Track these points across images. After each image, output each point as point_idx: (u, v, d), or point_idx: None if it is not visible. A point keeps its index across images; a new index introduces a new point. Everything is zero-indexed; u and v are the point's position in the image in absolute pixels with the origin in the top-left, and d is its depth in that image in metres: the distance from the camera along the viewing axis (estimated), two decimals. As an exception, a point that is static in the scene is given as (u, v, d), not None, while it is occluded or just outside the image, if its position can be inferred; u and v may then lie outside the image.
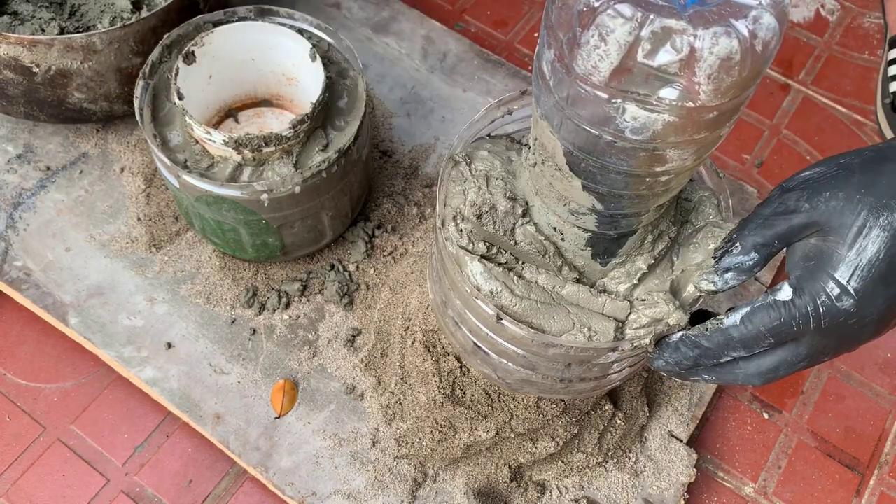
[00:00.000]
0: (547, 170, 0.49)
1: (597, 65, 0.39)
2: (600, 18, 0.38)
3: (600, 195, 0.47)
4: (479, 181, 0.55)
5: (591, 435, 0.74)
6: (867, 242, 0.42)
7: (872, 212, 0.42)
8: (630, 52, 0.38)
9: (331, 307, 0.83)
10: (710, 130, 0.42)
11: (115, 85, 0.80)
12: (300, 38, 0.75)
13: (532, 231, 0.53)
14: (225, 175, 0.71)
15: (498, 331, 0.54)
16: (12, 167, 0.88)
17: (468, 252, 0.53)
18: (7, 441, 0.78)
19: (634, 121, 0.40)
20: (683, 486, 0.77)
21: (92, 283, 0.82)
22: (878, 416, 0.85)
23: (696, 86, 0.38)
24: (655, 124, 0.40)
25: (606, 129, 0.42)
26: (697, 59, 0.37)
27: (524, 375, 0.58)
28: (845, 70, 1.09)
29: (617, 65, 0.38)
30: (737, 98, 0.40)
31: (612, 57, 0.38)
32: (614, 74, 0.38)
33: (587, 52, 0.39)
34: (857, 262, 0.42)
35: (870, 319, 0.44)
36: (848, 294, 0.43)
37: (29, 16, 0.82)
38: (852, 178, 0.43)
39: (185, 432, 0.79)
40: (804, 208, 0.44)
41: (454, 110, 0.96)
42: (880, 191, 0.42)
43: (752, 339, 0.46)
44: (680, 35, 0.37)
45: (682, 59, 0.37)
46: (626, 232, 0.51)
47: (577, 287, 0.54)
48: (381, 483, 0.74)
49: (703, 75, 0.38)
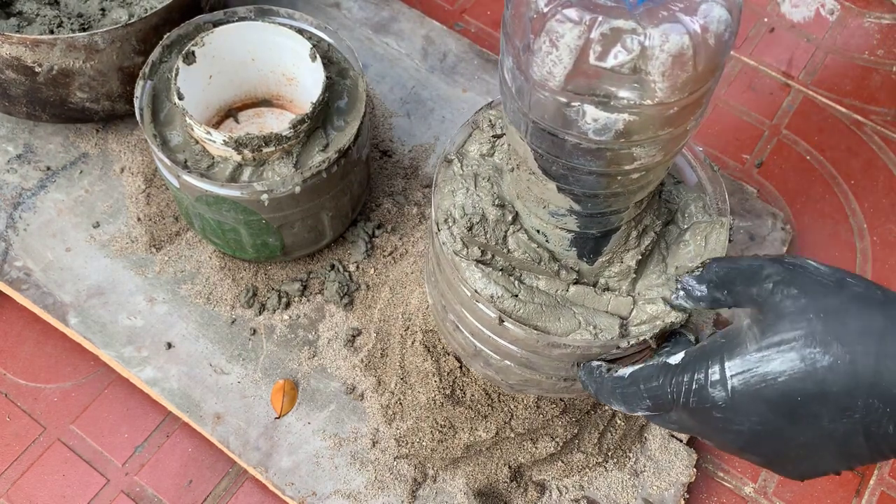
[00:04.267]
0: (523, 174, 0.49)
1: (551, 70, 0.39)
2: (550, 24, 0.38)
3: (576, 196, 0.47)
4: (467, 181, 0.55)
5: (591, 435, 0.74)
6: (776, 357, 0.37)
7: (808, 338, 0.37)
8: (582, 55, 0.38)
9: (331, 307, 0.83)
10: (675, 126, 0.42)
11: (117, 84, 0.80)
12: (300, 38, 0.75)
13: (524, 239, 0.53)
14: (225, 175, 0.71)
15: (500, 333, 0.54)
16: (12, 167, 0.88)
17: (464, 258, 0.53)
18: (7, 441, 0.78)
19: (595, 122, 0.40)
20: (683, 486, 0.77)
21: (92, 283, 0.82)
22: (878, 417, 0.85)
23: (651, 84, 0.38)
24: (616, 124, 0.40)
25: (570, 133, 0.42)
26: (649, 57, 0.37)
27: (527, 376, 0.58)
28: (845, 70, 1.09)
29: (571, 69, 0.38)
30: (696, 92, 0.40)
31: (565, 61, 0.38)
32: (569, 78, 0.39)
33: (541, 58, 0.39)
34: (754, 367, 0.38)
35: (738, 429, 0.40)
36: (724, 387, 0.39)
37: (34, 14, 0.82)
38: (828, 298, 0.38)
39: (185, 432, 0.79)
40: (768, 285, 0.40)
41: (454, 110, 0.96)
42: (837, 328, 0.36)
43: (633, 398, 0.45)
44: (630, 35, 0.37)
45: (634, 59, 0.37)
46: (608, 230, 0.51)
47: (581, 287, 0.54)
48: (381, 483, 0.74)
49: (657, 73, 0.37)
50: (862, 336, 0.36)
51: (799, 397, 0.37)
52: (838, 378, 0.36)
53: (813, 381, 0.36)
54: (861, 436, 0.37)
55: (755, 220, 0.92)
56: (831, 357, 0.36)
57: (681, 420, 0.44)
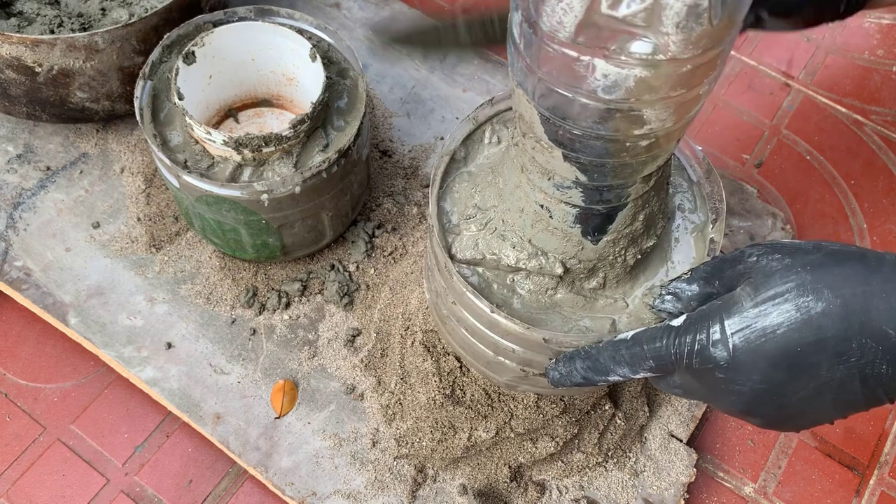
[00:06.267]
0: (528, 142, 0.48)
1: (561, 20, 0.37)
2: None
3: (582, 165, 0.46)
4: (464, 179, 0.55)
5: (591, 435, 0.74)
6: (773, 311, 0.39)
7: (800, 288, 0.39)
8: (594, 3, 0.36)
9: (331, 307, 0.83)
10: (687, 88, 0.40)
11: (117, 84, 0.80)
12: (300, 38, 0.75)
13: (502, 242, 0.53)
14: (225, 175, 0.71)
15: (493, 326, 0.54)
16: (12, 167, 0.88)
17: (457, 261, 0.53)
18: (7, 441, 0.78)
19: (605, 78, 0.39)
20: (683, 486, 0.77)
21: (92, 283, 0.82)
22: (878, 417, 0.85)
23: (664, 37, 0.36)
24: (627, 81, 0.39)
25: (578, 90, 0.40)
26: (663, 6, 0.35)
27: (521, 373, 0.58)
28: (845, 70, 1.09)
29: (581, 18, 0.37)
30: (711, 50, 0.38)
31: (576, 10, 0.37)
32: (580, 29, 0.37)
33: (551, 7, 0.37)
34: (752, 322, 0.40)
35: (739, 389, 0.41)
36: (725, 346, 0.40)
37: (34, 14, 0.82)
38: (810, 255, 0.40)
39: (185, 432, 0.79)
40: (752, 259, 0.43)
41: (454, 110, 0.96)
42: (824, 276, 0.39)
43: (637, 358, 0.45)
44: None
45: (648, 8, 0.35)
46: (614, 206, 0.50)
47: (570, 295, 0.54)
48: (381, 483, 0.74)
49: (671, 24, 0.36)
50: (848, 280, 0.38)
51: (798, 348, 0.38)
52: (833, 322, 0.38)
53: (809, 328, 0.38)
54: (857, 380, 0.39)
55: (755, 220, 0.92)
56: (824, 303, 0.38)
57: (684, 382, 0.45)
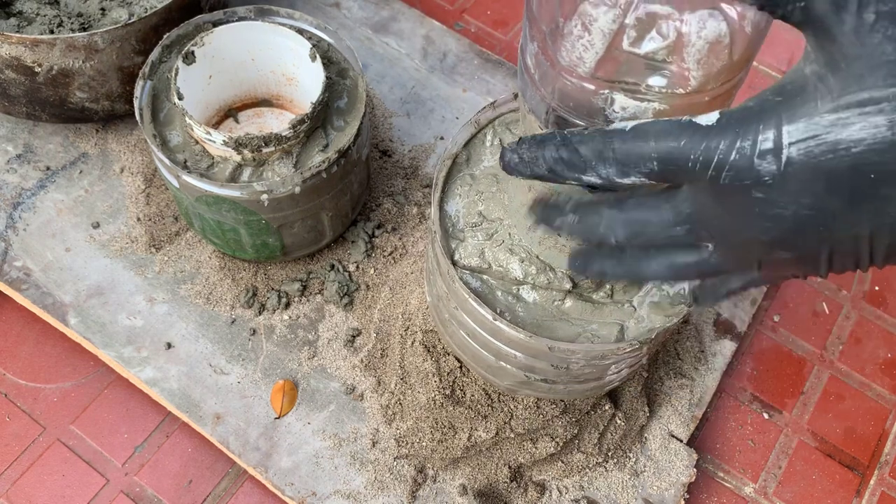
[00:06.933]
0: None
1: (581, 55, 0.37)
2: (583, 7, 0.36)
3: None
4: (466, 184, 0.55)
5: (591, 435, 0.74)
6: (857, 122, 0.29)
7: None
8: (615, 40, 0.36)
9: (331, 307, 0.82)
10: None
11: (117, 84, 0.80)
12: (300, 38, 0.75)
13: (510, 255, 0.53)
14: (225, 175, 0.71)
15: (496, 333, 0.54)
16: (12, 167, 0.88)
17: (461, 267, 0.53)
18: (7, 441, 0.78)
19: (623, 111, 0.39)
20: (683, 486, 0.77)
21: (92, 283, 0.82)
22: (878, 417, 0.85)
23: (685, 72, 0.36)
24: (646, 113, 0.39)
25: (595, 121, 0.40)
26: (685, 44, 0.35)
27: (522, 378, 0.58)
28: (845, 70, 1.09)
29: (602, 54, 0.37)
30: (728, 82, 0.38)
31: (597, 46, 0.37)
32: (600, 64, 0.37)
33: (571, 42, 0.37)
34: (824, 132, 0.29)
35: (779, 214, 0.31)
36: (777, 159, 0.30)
37: (34, 14, 0.82)
38: None
39: (185, 432, 0.79)
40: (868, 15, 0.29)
41: (454, 110, 0.96)
42: None
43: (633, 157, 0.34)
44: (666, 20, 0.35)
45: (670, 46, 0.36)
46: None
47: (579, 303, 0.54)
48: (381, 483, 0.74)
49: (693, 60, 0.36)
50: None
51: (873, 174, 0.29)
52: None
53: None
54: None
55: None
56: None
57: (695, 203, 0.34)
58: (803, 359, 0.88)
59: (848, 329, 0.90)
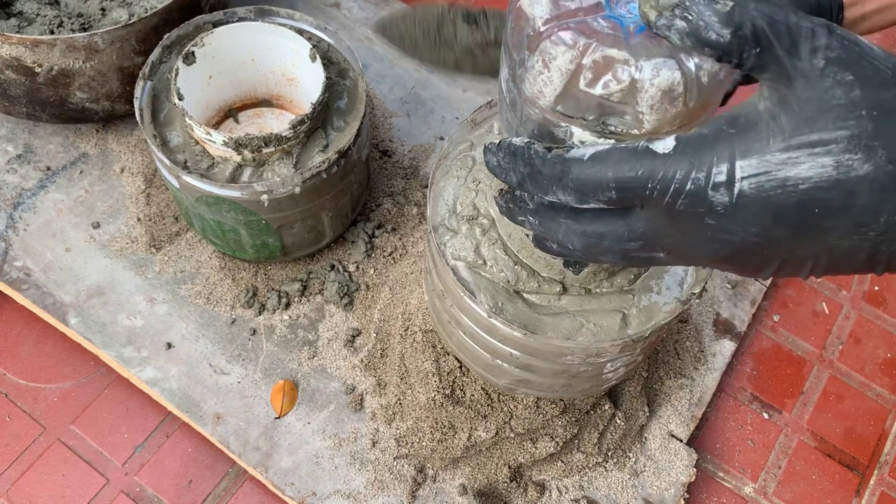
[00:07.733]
0: None
1: (541, 90, 0.39)
2: (544, 45, 0.38)
3: None
4: (461, 181, 0.55)
5: (590, 435, 0.74)
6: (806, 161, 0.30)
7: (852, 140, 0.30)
8: (572, 79, 0.37)
9: (331, 307, 0.83)
10: None
11: (117, 84, 0.80)
12: (300, 38, 0.75)
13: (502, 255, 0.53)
14: (225, 176, 0.71)
15: (492, 331, 0.54)
16: (12, 167, 0.88)
17: (459, 259, 0.53)
18: (7, 441, 0.78)
19: (582, 144, 0.40)
20: (683, 486, 0.77)
21: (92, 284, 0.82)
22: (878, 416, 0.85)
23: (639, 115, 0.38)
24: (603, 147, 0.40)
25: None
26: (638, 89, 0.37)
27: (520, 377, 0.58)
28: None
29: (560, 91, 0.38)
30: (686, 126, 0.39)
31: (556, 83, 0.38)
32: (558, 100, 0.38)
33: (532, 76, 0.39)
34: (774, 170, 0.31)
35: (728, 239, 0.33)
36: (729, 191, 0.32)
37: (34, 14, 0.82)
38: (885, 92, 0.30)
39: (185, 432, 0.79)
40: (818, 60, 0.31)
41: (454, 110, 0.96)
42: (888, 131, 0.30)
43: (592, 184, 0.35)
44: (621, 65, 0.36)
45: (623, 90, 0.37)
46: None
47: (575, 297, 0.54)
48: (381, 483, 0.74)
49: (646, 106, 0.37)
50: None
51: (817, 209, 0.31)
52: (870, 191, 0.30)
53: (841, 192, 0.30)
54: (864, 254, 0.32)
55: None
56: (871, 166, 0.30)
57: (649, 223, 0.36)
58: (803, 359, 0.88)
59: (848, 329, 0.90)
